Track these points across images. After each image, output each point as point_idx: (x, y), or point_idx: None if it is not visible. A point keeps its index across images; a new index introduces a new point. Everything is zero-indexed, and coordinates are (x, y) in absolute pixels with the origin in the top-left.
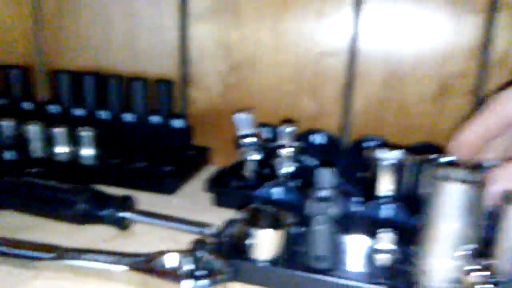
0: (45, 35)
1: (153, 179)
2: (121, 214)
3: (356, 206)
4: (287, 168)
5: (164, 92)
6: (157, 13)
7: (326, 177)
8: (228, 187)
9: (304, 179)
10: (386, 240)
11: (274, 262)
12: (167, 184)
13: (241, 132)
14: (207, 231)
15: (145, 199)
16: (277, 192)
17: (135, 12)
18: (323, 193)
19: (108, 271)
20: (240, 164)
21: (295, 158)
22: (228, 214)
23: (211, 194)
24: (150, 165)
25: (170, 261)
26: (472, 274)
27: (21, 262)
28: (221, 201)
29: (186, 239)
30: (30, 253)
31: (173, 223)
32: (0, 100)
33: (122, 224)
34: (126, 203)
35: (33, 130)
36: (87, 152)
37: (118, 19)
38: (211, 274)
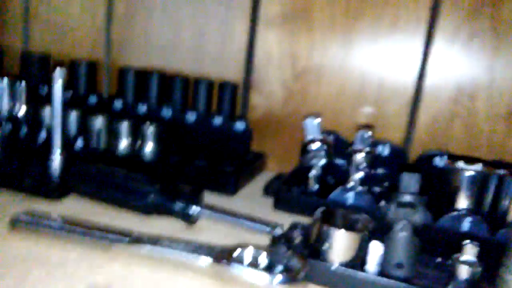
0: (115, 32)
1: (216, 178)
2: (192, 209)
3: (431, 218)
4: (359, 173)
5: (227, 95)
6: (226, 17)
7: (411, 182)
8: (290, 191)
9: (370, 186)
10: (470, 252)
11: (349, 265)
12: (229, 184)
13: (309, 137)
14: (277, 231)
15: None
16: (349, 197)
17: (205, 15)
18: (407, 198)
19: (187, 261)
20: (301, 170)
21: (367, 164)
22: (288, 218)
23: (272, 197)
24: (211, 165)
25: (248, 255)
26: None
27: (97, 244)
28: (281, 205)
29: (249, 237)
30: (107, 235)
31: (241, 220)
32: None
33: (191, 218)
34: (195, 197)
35: (98, 121)
36: (149, 147)
37: (187, 21)
38: (287, 270)
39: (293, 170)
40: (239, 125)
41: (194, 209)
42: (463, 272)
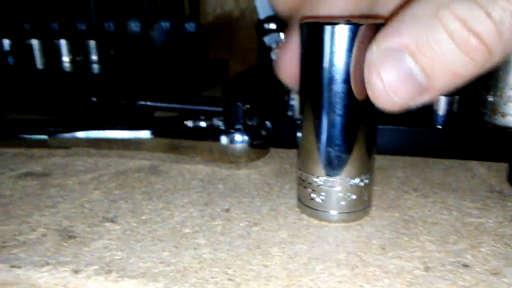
0: None
1: (173, 85)
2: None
3: None
4: None
5: None
6: None
7: None
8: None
9: None
10: None
11: None
12: (185, 91)
13: (262, 16)
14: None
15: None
16: None
17: None
18: None
19: (133, 140)
20: (263, 56)
21: None
22: None
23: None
24: (166, 72)
25: (203, 121)
26: None
27: (34, 139)
28: None
29: None
30: (43, 129)
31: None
32: None
33: (144, 111)
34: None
35: (35, 43)
36: (94, 63)
37: None
38: (247, 130)
39: (256, 60)
40: (189, 27)
41: (144, 102)
42: (441, 103)
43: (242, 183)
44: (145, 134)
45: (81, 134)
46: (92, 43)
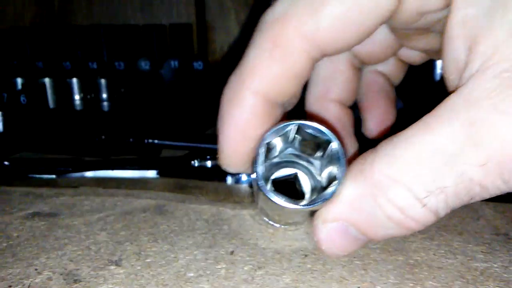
0: None
1: (180, 120)
2: (149, 140)
3: None
4: None
5: (181, 38)
6: None
7: None
8: None
9: None
10: None
11: None
12: (193, 128)
13: None
14: None
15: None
16: None
17: None
18: None
19: (139, 179)
20: None
21: None
22: None
23: None
24: (173, 111)
25: (210, 161)
26: None
27: (43, 179)
28: None
29: None
30: (52, 168)
31: (204, 144)
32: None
33: (151, 149)
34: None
35: (48, 82)
36: (104, 101)
37: None
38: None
39: None
40: (197, 65)
41: (152, 140)
42: None
43: (247, 224)
44: (151, 173)
45: (89, 174)
46: (103, 82)
